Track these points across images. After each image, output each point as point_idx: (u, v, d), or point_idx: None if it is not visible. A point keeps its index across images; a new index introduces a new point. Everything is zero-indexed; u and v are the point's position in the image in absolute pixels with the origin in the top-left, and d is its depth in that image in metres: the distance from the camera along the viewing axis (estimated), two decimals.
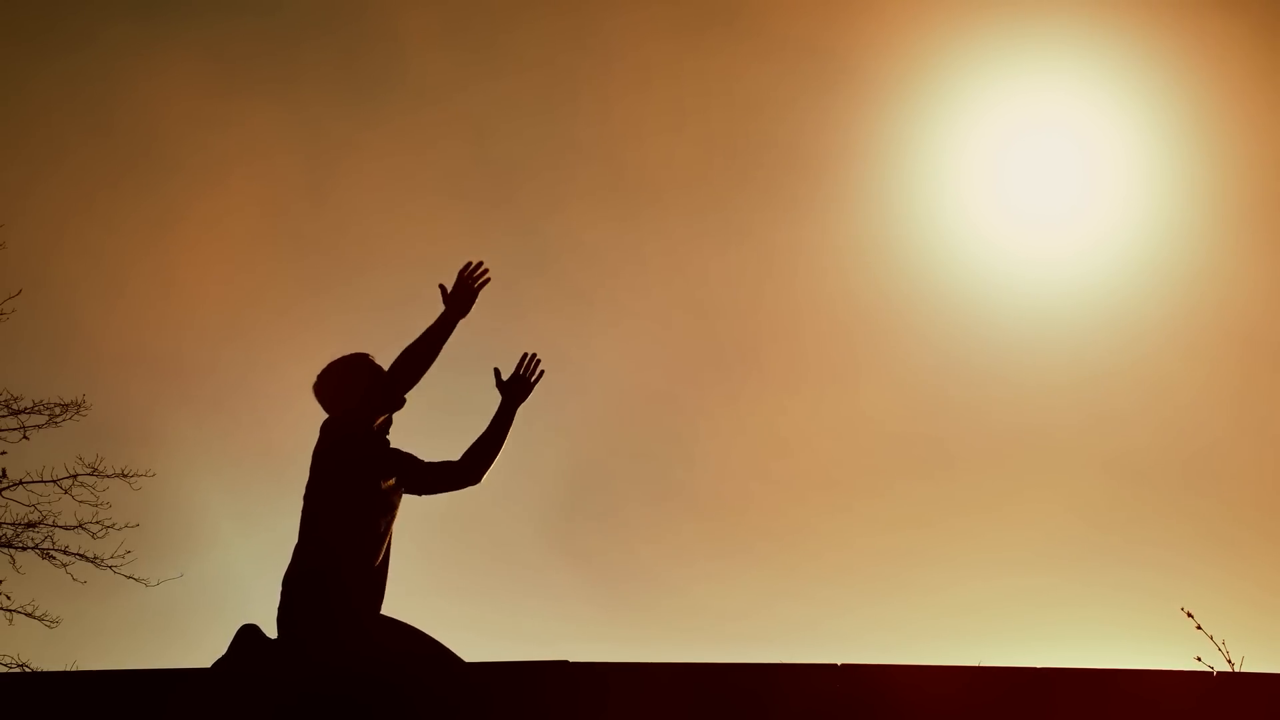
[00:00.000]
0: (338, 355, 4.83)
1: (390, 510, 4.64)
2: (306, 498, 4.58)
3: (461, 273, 4.78)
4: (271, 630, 4.47)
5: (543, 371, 4.97)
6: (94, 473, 15.75)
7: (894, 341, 18.42)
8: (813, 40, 16.70)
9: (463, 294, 4.76)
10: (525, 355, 4.93)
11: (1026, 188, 16.82)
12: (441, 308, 4.72)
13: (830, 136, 17.53)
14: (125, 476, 15.83)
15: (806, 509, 18.71)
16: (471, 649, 4.47)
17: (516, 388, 4.91)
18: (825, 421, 18.81)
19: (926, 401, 18.50)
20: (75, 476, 15.69)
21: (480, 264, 4.81)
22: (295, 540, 4.55)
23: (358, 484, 4.56)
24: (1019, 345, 17.46)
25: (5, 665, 14.89)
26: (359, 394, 4.70)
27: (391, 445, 4.74)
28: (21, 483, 15.69)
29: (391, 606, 4.58)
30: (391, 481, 4.66)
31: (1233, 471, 17.53)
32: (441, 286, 4.78)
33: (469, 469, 4.86)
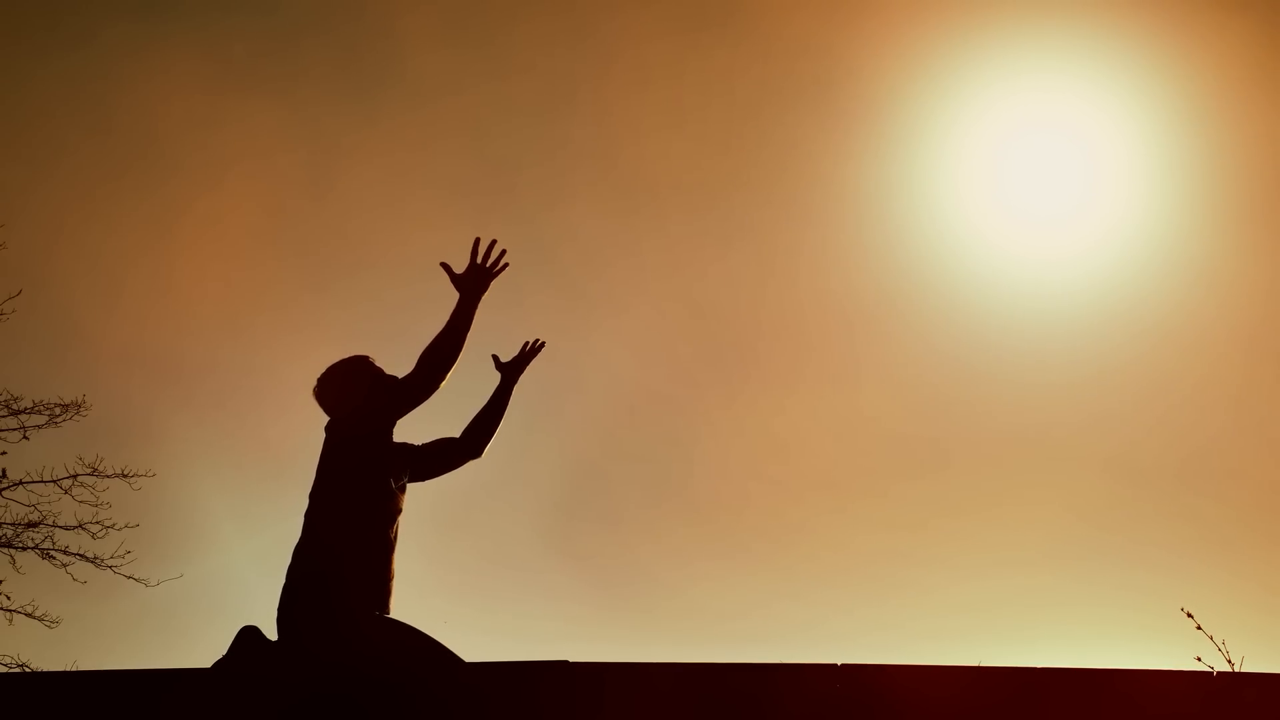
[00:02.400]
0: (337, 359, 4.82)
1: (398, 510, 4.63)
2: (313, 498, 4.58)
3: (474, 252, 4.69)
4: (271, 632, 4.47)
5: (543, 344, 4.99)
6: (94, 473, 15.75)
7: (893, 342, 18.42)
8: (811, 40, 16.71)
9: (477, 277, 4.68)
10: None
11: (1026, 188, 16.82)
12: (448, 283, 4.63)
13: (829, 136, 17.54)
14: (125, 476, 15.83)
15: (805, 509, 18.72)
16: (470, 649, 4.48)
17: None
18: (824, 421, 18.81)
19: (925, 402, 18.51)
20: (75, 476, 15.70)
21: (494, 243, 4.70)
22: (299, 538, 4.54)
23: (367, 485, 4.54)
24: (1018, 345, 17.47)
25: (5, 665, 14.90)
26: (363, 396, 4.68)
27: (394, 440, 4.73)
28: (21, 483, 15.70)
29: (394, 606, 4.58)
30: (401, 480, 4.66)
31: (1233, 471, 17.53)
32: (445, 266, 4.67)
33: (470, 442, 4.89)
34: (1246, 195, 16.64)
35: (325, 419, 4.74)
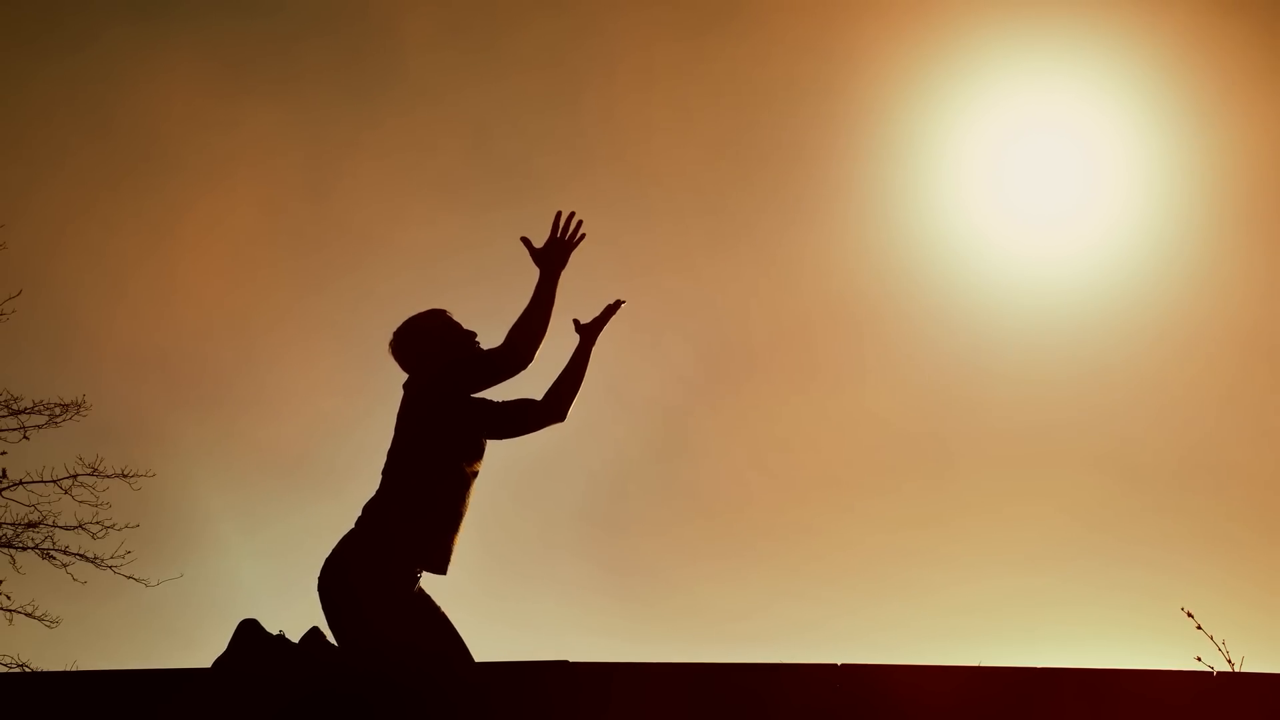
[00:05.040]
0: (412, 314, 4.74)
1: (475, 470, 4.57)
2: (390, 455, 4.54)
3: (554, 227, 4.65)
4: (273, 626, 4.46)
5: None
6: (94, 473, 15.76)
7: (895, 341, 18.44)
8: (815, 42, 16.72)
9: (558, 250, 4.64)
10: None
11: (1027, 188, 16.83)
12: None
13: (833, 137, 17.55)
14: (125, 476, 15.84)
15: (808, 509, 18.73)
16: (475, 643, 4.46)
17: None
18: (826, 421, 18.83)
19: (927, 401, 18.52)
20: (75, 476, 15.71)
21: (573, 215, 4.67)
22: (373, 494, 4.51)
23: (444, 444, 4.50)
24: (1019, 345, 17.48)
25: (5, 665, 14.91)
26: (443, 355, 4.63)
27: (472, 398, 4.64)
28: (21, 483, 15.70)
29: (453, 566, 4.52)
30: (480, 440, 4.60)
31: (1233, 470, 17.54)
32: (525, 240, 4.65)
33: (553, 406, 4.76)
34: (1245, 195, 16.66)
35: (399, 373, 4.70)
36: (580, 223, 4.69)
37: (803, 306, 18.70)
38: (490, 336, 4.71)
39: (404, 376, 4.71)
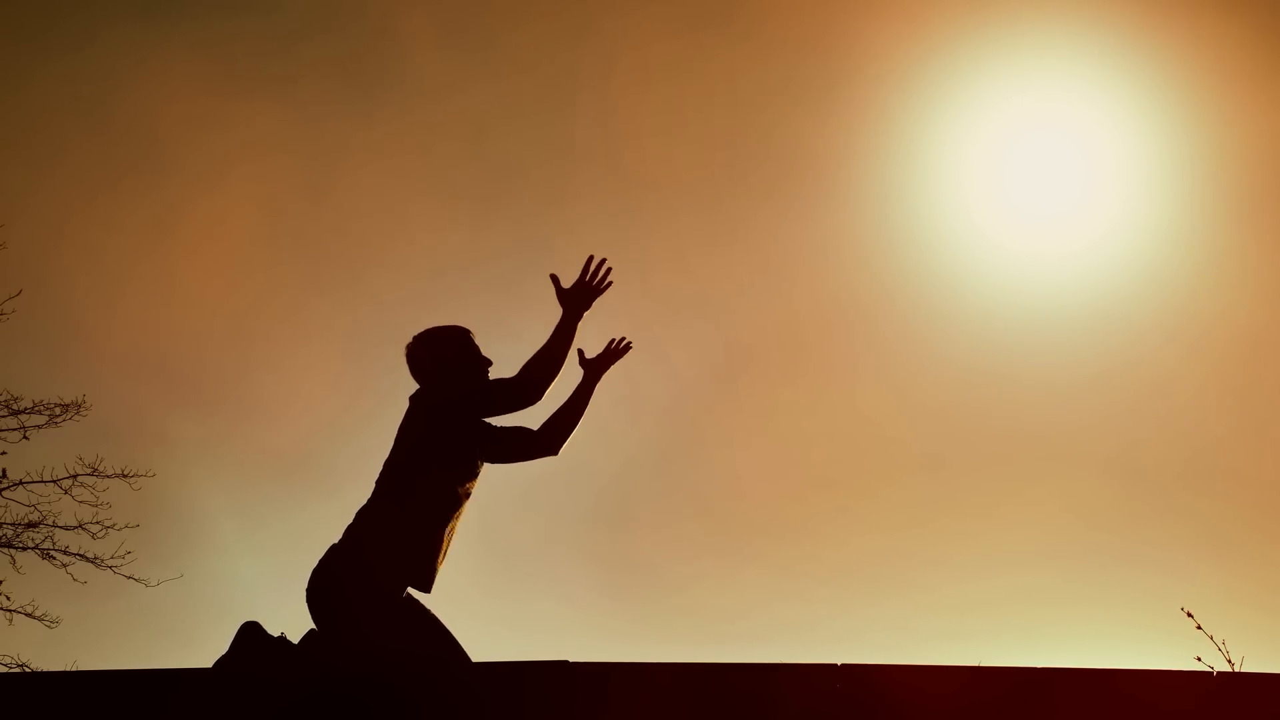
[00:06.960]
0: (435, 325, 4.72)
1: (467, 490, 4.55)
2: (386, 465, 4.53)
3: (584, 269, 4.63)
4: (273, 626, 4.46)
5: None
6: (94, 473, 15.76)
7: (894, 341, 18.44)
8: (813, 40, 16.72)
9: (582, 293, 4.62)
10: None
11: (1027, 188, 16.83)
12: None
13: (830, 136, 17.54)
14: (125, 476, 15.84)
15: (806, 508, 18.73)
16: (474, 643, 4.47)
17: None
18: (826, 421, 18.83)
19: (926, 401, 18.52)
20: (75, 476, 15.71)
21: (604, 261, 4.65)
22: (365, 501, 4.50)
23: (441, 460, 4.48)
24: (1019, 345, 17.48)
25: (5, 665, 14.91)
26: (455, 376, 4.61)
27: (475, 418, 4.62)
28: (21, 483, 15.70)
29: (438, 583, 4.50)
30: (477, 460, 4.59)
31: (1233, 471, 17.54)
32: (554, 278, 4.62)
33: (548, 440, 4.74)
34: (1246, 195, 16.66)
35: (405, 378, 4.69)
36: (610, 269, 4.66)
37: (801, 306, 18.70)
38: (492, 342, 4.70)
39: (413, 386, 4.70)
